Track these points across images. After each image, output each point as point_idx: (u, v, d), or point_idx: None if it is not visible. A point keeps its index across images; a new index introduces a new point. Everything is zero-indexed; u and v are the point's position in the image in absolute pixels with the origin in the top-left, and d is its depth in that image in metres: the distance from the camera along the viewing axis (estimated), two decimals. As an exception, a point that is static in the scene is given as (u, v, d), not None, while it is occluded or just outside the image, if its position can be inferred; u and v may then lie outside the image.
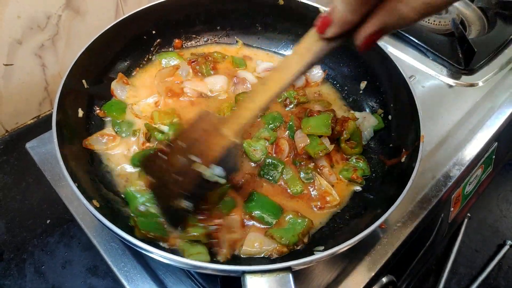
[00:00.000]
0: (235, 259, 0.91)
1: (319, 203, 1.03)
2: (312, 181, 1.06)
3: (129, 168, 1.05)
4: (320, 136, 1.10)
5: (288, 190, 1.05)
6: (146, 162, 0.90)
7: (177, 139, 0.82)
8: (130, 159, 1.06)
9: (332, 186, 1.06)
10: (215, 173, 0.79)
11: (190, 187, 0.80)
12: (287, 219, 0.96)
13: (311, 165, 1.08)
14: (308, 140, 1.10)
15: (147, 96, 1.20)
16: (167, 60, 1.30)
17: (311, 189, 1.06)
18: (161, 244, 0.89)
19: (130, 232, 0.77)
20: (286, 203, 1.03)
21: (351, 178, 1.07)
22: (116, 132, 1.11)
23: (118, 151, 1.08)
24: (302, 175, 1.07)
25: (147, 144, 1.09)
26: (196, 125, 0.83)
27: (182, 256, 0.85)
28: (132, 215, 0.92)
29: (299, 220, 0.95)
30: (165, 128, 1.10)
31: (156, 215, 0.92)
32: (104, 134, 1.08)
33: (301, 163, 1.08)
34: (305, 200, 1.04)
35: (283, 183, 1.06)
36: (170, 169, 0.81)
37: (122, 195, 0.99)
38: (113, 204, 0.95)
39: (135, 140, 1.10)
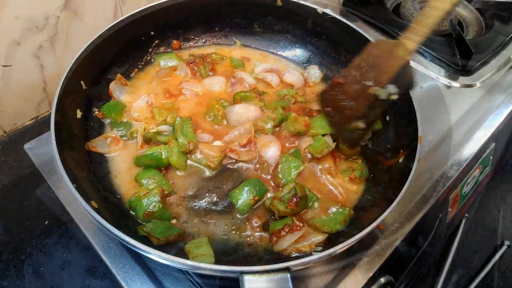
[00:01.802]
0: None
1: None
2: None
3: (129, 169, 1.05)
4: (323, 135, 1.11)
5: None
6: (322, 95, 1.08)
7: (350, 70, 0.97)
8: (134, 160, 1.06)
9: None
10: (390, 91, 0.93)
11: (364, 109, 0.96)
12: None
13: None
14: (312, 141, 1.11)
15: (142, 98, 1.20)
16: (166, 61, 1.30)
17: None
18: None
19: (128, 232, 0.77)
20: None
21: (349, 178, 1.07)
22: (118, 134, 1.11)
23: (117, 153, 1.08)
24: None
25: (146, 146, 1.09)
26: (367, 54, 0.97)
27: (187, 257, 0.85)
28: (141, 223, 0.92)
29: (340, 210, 0.98)
30: (165, 128, 1.10)
31: (167, 211, 0.94)
32: (107, 137, 1.08)
33: None
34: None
35: None
36: (344, 97, 0.99)
37: (118, 196, 0.99)
38: (111, 205, 0.95)
39: (134, 142, 1.10)
